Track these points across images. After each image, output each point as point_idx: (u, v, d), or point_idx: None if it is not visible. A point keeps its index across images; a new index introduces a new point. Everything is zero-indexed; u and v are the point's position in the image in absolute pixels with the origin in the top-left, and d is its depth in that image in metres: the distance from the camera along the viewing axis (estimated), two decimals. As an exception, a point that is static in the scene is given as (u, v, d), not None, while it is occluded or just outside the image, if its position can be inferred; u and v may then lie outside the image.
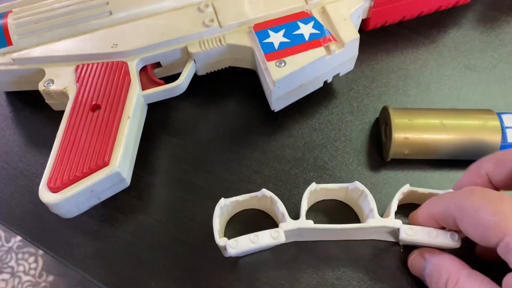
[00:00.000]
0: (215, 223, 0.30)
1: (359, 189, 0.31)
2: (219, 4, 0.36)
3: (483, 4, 0.43)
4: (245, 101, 0.38)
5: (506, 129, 0.33)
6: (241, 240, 0.29)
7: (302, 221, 0.30)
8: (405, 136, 0.33)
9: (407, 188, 0.31)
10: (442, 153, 0.33)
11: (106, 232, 0.33)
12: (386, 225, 0.30)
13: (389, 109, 0.34)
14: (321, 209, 0.34)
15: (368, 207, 0.31)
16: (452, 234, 0.29)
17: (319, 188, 0.32)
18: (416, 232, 0.29)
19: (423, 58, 0.40)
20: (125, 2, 0.36)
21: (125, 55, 0.34)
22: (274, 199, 0.31)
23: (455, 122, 0.33)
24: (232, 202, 0.31)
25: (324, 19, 0.35)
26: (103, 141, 0.30)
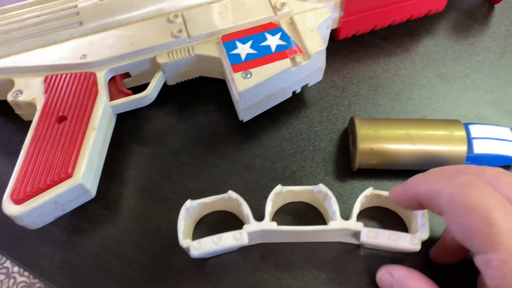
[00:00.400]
0: (180, 224, 0.30)
1: (323, 191, 0.31)
2: (189, 14, 0.36)
3: (457, 12, 0.43)
4: (215, 110, 0.38)
5: (473, 140, 0.33)
6: (204, 241, 0.29)
7: (266, 223, 0.30)
8: (370, 147, 0.33)
9: (370, 191, 0.31)
10: (408, 164, 0.34)
11: (74, 242, 0.33)
12: (347, 228, 0.30)
13: (355, 120, 0.34)
14: (290, 210, 0.34)
15: (331, 209, 0.31)
16: (413, 237, 0.29)
17: (285, 190, 0.32)
18: (377, 234, 0.29)
19: (394, 68, 0.40)
20: (96, 12, 0.36)
21: (94, 65, 0.35)
22: (240, 200, 0.31)
23: (421, 133, 0.33)
24: (199, 204, 0.32)
25: (291, 30, 0.35)
26: (67, 153, 0.31)
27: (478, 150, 0.33)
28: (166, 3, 0.36)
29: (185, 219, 0.31)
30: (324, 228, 0.30)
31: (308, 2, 0.36)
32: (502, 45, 0.41)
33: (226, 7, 0.36)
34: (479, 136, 0.33)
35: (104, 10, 0.36)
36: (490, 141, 0.33)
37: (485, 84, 0.39)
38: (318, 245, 0.32)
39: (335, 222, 0.30)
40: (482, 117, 0.37)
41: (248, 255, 0.32)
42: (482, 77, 0.39)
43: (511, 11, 0.43)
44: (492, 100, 0.38)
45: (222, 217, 0.34)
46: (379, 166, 0.34)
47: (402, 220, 0.33)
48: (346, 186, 0.35)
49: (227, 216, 0.34)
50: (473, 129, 0.34)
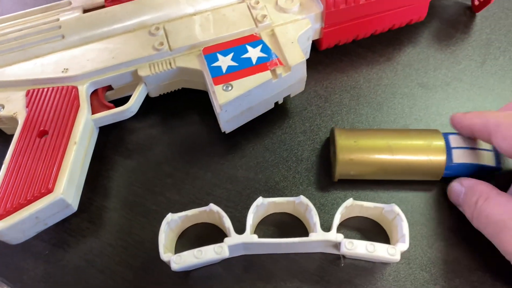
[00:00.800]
0: (161, 238, 0.30)
1: (304, 203, 0.32)
2: (170, 27, 0.36)
3: (439, 21, 0.44)
4: (199, 121, 0.38)
5: (452, 149, 0.33)
6: (185, 255, 0.30)
7: (247, 236, 0.30)
8: (350, 158, 0.33)
9: (351, 202, 0.32)
10: (388, 174, 0.34)
11: (57, 256, 0.33)
12: (328, 239, 0.30)
13: (335, 130, 0.34)
14: (273, 221, 0.34)
15: (312, 220, 0.31)
16: (391, 248, 0.29)
17: (267, 202, 0.32)
18: (356, 246, 0.30)
19: (377, 77, 0.40)
20: (78, 25, 0.36)
21: (75, 79, 0.35)
22: (221, 213, 0.31)
23: (401, 143, 0.33)
24: (181, 217, 0.32)
25: (272, 42, 0.35)
26: (48, 168, 0.31)
27: (457, 160, 0.33)
28: (148, 16, 0.36)
29: (167, 232, 0.31)
30: (304, 240, 0.30)
31: (289, 14, 0.36)
32: (483, 53, 0.41)
33: (207, 19, 0.36)
34: (458, 146, 0.33)
35: (86, 24, 0.36)
36: (469, 150, 0.33)
37: (467, 93, 0.39)
38: (300, 256, 0.33)
39: (316, 234, 0.30)
40: (463, 126, 0.38)
41: (230, 267, 0.32)
42: (464, 85, 0.40)
43: (492, 19, 0.43)
44: (473, 108, 0.38)
45: (205, 229, 0.34)
46: (359, 176, 0.34)
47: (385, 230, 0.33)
48: (329, 196, 0.35)
49: (210, 228, 0.34)
50: (453, 139, 0.34)
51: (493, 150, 0.33)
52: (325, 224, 0.34)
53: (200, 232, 0.34)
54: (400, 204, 0.34)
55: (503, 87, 0.39)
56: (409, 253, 0.32)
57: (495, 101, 0.39)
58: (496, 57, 0.41)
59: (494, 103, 0.38)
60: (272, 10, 0.37)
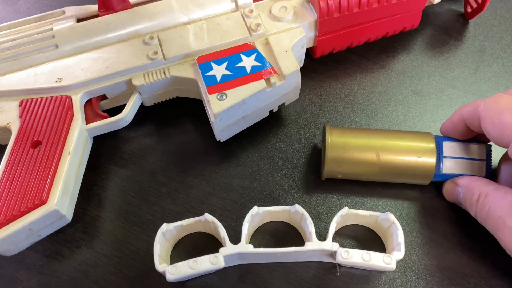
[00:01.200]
0: (156, 248, 0.30)
1: (299, 212, 0.32)
2: (164, 36, 0.36)
3: (433, 28, 0.44)
4: (193, 130, 0.38)
5: (444, 158, 0.33)
6: (180, 266, 0.29)
7: (242, 246, 0.30)
8: (339, 157, 0.33)
9: (346, 211, 0.32)
10: (377, 175, 0.34)
11: (51, 267, 0.33)
12: (323, 248, 0.30)
13: (326, 128, 0.34)
14: (269, 230, 0.34)
15: (307, 230, 0.31)
16: (386, 257, 0.29)
17: (262, 211, 0.32)
18: (351, 254, 0.30)
19: (371, 84, 0.40)
20: (71, 35, 0.36)
21: (69, 89, 0.35)
22: (216, 223, 0.31)
23: (390, 143, 0.33)
24: (176, 226, 0.32)
25: (267, 50, 0.35)
26: (42, 179, 0.31)
27: (446, 170, 0.33)
28: (142, 25, 0.36)
29: (162, 243, 0.31)
30: (300, 250, 0.30)
31: (282, 22, 0.37)
32: (476, 60, 0.42)
33: (201, 28, 0.36)
34: (450, 155, 0.33)
35: (80, 33, 0.36)
36: (460, 160, 0.33)
37: (460, 100, 0.39)
38: (296, 265, 0.33)
39: (311, 243, 0.30)
40: (457, 133, 0.38)
41: (226, 277, 0.32)
42: (457, 92, 0.40)
43: (485, 26, 0.44)
44: (467, 115, 0.38)
45: (201, 239, 0.34)
46: (348, 176, 0.34)
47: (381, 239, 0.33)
48: (324, 205, 0.35)
49: (206, 238, 0.34)
50: (446, 147, 0.34)
51: (485, 160, 0.33)
52: (321, 233, 0.34)
53: (195, 242, 0.34)
54: (395, 211, 0.34)
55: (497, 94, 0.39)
56: (404, 261, 0.32)
57: (489, 108, 0.39)
58: (489, 64, 0.41)
59: (488, 109, 0.39)
60: (266, 19, 0.37)
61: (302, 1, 0.38)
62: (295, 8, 0.37)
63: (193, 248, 0.33)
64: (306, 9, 0.37)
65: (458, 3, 0.45)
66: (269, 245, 0.33)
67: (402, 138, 0.34)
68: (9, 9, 0.48)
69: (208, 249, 0.31)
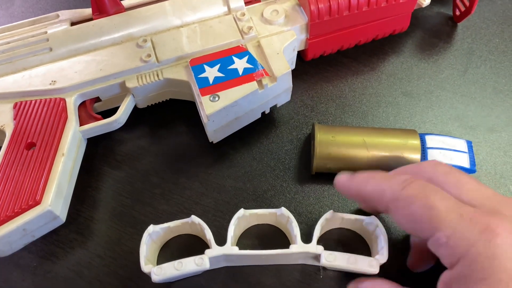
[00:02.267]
0: (142, 249, 0.30)
1: (285, 215, 0.32)
2: (158, 39, 0.37)
3: (422, 30, 0.45)
4: (186, 132, 0.39)
5: (428, 149, 0.34)
6: (165, 267, 0.30)
7: (227, 248, 0.31)
8: (327, 152, 0.34)
9: (331, 214, 0.32)
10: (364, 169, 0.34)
11: (45, 268, 0.33)
12: (307, 251, 0.31)
13: (315, 126, 0.35)
14: (256, 233, 0.34)
15: (293, 232, 0.31)
16: (371, 260, 0.30)
17: (248, 213, 0.32)
18: (336, 258, 0.30)
19: (361, 86, 0.41)
20: (65, 38, 0.37)
21: (63, 91, 0.35)
22: (202, 225, 0.31)
23: (377, 140, 0.34)
24: (162, 228, 0.32)
25: (259, 53, 0.36)
26: (35, 180, 0.31)
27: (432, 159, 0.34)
28: (135, 28, 0.37)
29: (148, 244, 0.31)
30: (284, 252, 0.31)
31: (274, 25, 0.37)
32: (465, 62, 0.42)
33: (194, 31, 0.37)
34: (433, 146, 0.34)
35: (74, 36, 0.37)
36: (443, 151, 0.34)
37: (449, 101, 0.40)
38: (283, 267, 0.33)
39: (296, 245, 0.31)
40: (446, 133, 0.38)
41: (213, 279, 0.32)
42: (446, 94, 0.41)
43: (473, 29, 0.44)
44: (456, 116, 0.39)
45: (189, 240, 0.34)
46: (336, 170, 0.35)
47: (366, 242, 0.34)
48: (316, 205, 0.35)
49: (193, 240, 0.34)
50: (429, 140, 0.35)
51: (468, 152, 0.34)
52: (308, 236, 0.34)
53: (183, 243, 0.34)
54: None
55: (485, 95, 0.40)
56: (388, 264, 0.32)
57: (477, 109, 0.39)
58: (478, 66, 0.42)
59: (476, 110, 0.39)
60: (258, 22, 0.37)
61: (294, 4, 0.38)
62: (287, 12, 0.38)
63: (181, 250, 0.34)
64: (297, 13, 0.38)
65: (447, 7, 0.46)
66: (255, 247, 0.34)
67: (388, 135, 0.35)
68: (3, 13, 0.49)
69: (195, 251, 0.31)
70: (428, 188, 0.26)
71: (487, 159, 0.37)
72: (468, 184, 0.27)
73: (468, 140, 0.35)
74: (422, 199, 0.25)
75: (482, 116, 0.39)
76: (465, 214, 0.24)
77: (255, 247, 0.33)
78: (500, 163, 0.37)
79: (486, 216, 0.24)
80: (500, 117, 0.39)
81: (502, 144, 0.38)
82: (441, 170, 0.28)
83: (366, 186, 0.29)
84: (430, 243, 0.25)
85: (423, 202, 0.25)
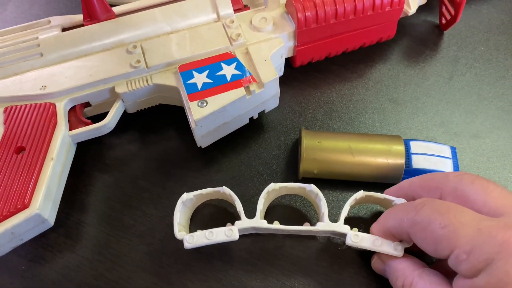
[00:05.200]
0: (176, 216, 0.32)
1: (314, 192, 0.33)
2: (148, 45, 0.37)
3: (409, 38, 0.45)
4: (176, 136, 0.39)
5: (412, 155, 0.35)
6: (197, 235, 0.31)
7: (256, 221, 0.32)
8: (314, 157, 0.35)
9: (361, 195, 0.32)
10: (350, 174, 0.35)
11: (33, 271, 0.34)
12: (334, 230, 0.31)
13: (302, 131, 0.36)
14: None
15: (321, 210, 0.32)
16: (396, 244, 0.30)
17: (278, 187, 0.33)
18: (362, 239, 0.30)
19: (349, 93, 0.42)
20: (56, 44, 0.37)
21: (53, 96, 0.35)
22: (233, 196, 0.33)
23: (362, 145, 0.35)
24: (196, 195, 0.33)
25: (247, 59, 0.36)
26: (24, 184, 0.31)
27: (416, 165, 0.34)
28: (126, 34, 0.37)
29: (182, 211, 0.33)
30: (312, 229, 0.32)
31: (262, 32, 0.38)
32: (450, 70, 0.43)
33: (184, 37, 0.37)
34: (418, 152, 0.35)
35: (65, 42, 0.37)
36: (428, 157, 0.34)
37: (435, 107, 0.41)
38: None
39: (323, 223, 0.31)
40: (431, 139, 0.39)
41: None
42: (432, 100, 0.41)
43: (459, 37, 0.45)
44: (441, 122, 0.40)
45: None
46: (323, 175, 0.36)
47: None
48: (303, 209, 0.36)
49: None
50: (413, 145, 0.35)
51: (452, 158, 0.35)
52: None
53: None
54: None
55: (469, 102, 0.41)
56: None
57: (461, 116, 0.40)
58: (463, 73, 0.43)
59: (461, 117, 0.40)
60: (246, 29, 0.38)
61: (282, 12, 0.39)
62: (275, 19, 0.38)
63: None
64: (285, 20, 0.39)
65: (433, 15, 0.47)
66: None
67: (373, 141, 0.35)
68: (-4, 18, 0.49)
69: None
70: (443, 207, 0.26)
71: (470, 164, 0.38)
72: (494, 192, 0.27)
73: (452, 146, 0.36)
74: (437, 219, 0.25)
75: (466, 122, 0.40)
76: (484, 227, 0.24)
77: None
78: (484, 168, 0.38)
79: (507, 229, 0.24)
80: (484, 123, 0.40)
81: (486, 150, 0.38)
82: (467, 180, 0.28)
83: (389, 220, 0.29)
84: (450, 261, 0.25)
85: (438, 221, 0.25)
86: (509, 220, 0.25)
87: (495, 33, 0.45)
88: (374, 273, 0.33)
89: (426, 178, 0.30)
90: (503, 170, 0.37)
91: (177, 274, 0.33)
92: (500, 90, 0.42)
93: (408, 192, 0.31)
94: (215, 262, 0.34)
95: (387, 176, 0.35)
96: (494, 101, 0.41)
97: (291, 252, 0.34)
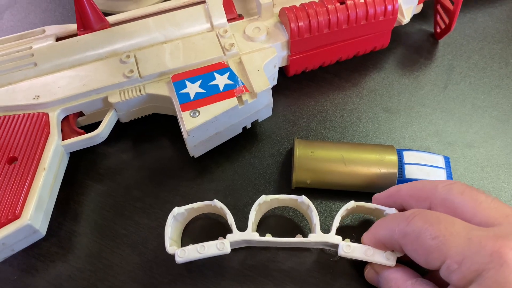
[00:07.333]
0: (167, 231, 0.32)
1: (305, 203, 0.33)
2: (141, 55, 0.37)
3: (403, 47, 0.45)
4: (169, 146, 0.39)
5: (405, 165, 0.35)
6: (188, 250, 0.31)
7: (248, 234, 0.32)
8: (306, 167, 0.35)
9: (352, 205, 0.32)
10: (343, 184, 0.35)
11: (25, 281, 0.34)
12: (326, 241, 0.31)
13: (295, 141, 0.36)
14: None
15: (312, 221, 0.32)
16: (389, 254, 0.30)
17: (270, 199, 0.33)
18: (354, 249, 0.30)
19: (342, 102, 0.42)
20: (50, 53, 0.37)
21: (46, 106, 0.35)
22: (224, 210, 0.33)
23: (354, 155, 0.35)
24: (187, 209, 0.33)
25: (240, 69, 0.36)
26: (16, 194, 0.31)
27: (409, 175, 0.34)
28: (119, 44, 0.38)
29: (173, 226, 0.32)
30: (304, 241, 0.32)
31: (256, 42, 0.38)
32: (445, 79, 0.43)
33: (177, 47, 0.38)
34: (411, 162, 0.35)
35: (58, 52, 0.37)
36: (421, 167, 0.34)
37: (429, 117, 0.41)
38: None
39: (315, 234, 0.31)
40: (425, 148, 0.39)
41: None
42: (426, 109, 0.41)
43: (454, 46, 0.45)
44: (435, 131, 0.40)
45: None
46: (315, 185, 0.36)
47: None
48: (296, 219, 0.36)
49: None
50: (406, 155, 0.35)
51: (446, 168, 0.34)
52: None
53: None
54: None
55: (464, 111, 0.41)
56: None
57: (456, 125, 0.40)
58: (458, 82, 0.43)
59: (455, 126, 0.40)
60: (240, 39, 0.38)
61: (276, 22, 0.39)
62: (268, 29, 0.38)
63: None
64: (279, 30, 0.39)
65: (428, 23, 0.47)
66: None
67: (366, 151, 0.35)
68: (-8, 27, 0.49)
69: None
70: (433, 218, 0.26)
71: (464, 174, 0.38)
72: (484, 203, 0.26)
73: (445, 156, 0.36)
74: (427, 230, 0.26)
75: (460, 132, 0.40)
76: (474, 237, 0.24)
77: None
78: (478, 178, 0.37)
79: (497, 238, 0.24)
80: (479, 133, 0.40)
81: (480, 160, 0.38)
82: (456, 190, 0.28)
83: (380, 230, 0.29)
84: (441, 272, 0.25)
85: (428, 232, 0.25)
86: (499, 230, 0.25)
87: (490, 41, 0.45)
88: (367, 283, 0.32)
89: (415, 187, 0.30)
90: (497, 180, 0.37)
91: (168, 285, 0.33)
92: (494, 99, 0.42)
93: (397, 200, 0.31)
94: (207, 273, 0.33)
95: (380, 186, 0.35)
96: (488, 110, 0.41)
97: (284, 263, 0.34)
